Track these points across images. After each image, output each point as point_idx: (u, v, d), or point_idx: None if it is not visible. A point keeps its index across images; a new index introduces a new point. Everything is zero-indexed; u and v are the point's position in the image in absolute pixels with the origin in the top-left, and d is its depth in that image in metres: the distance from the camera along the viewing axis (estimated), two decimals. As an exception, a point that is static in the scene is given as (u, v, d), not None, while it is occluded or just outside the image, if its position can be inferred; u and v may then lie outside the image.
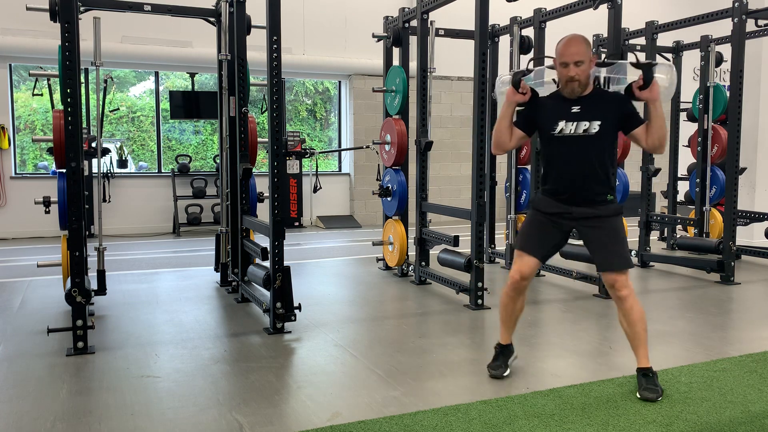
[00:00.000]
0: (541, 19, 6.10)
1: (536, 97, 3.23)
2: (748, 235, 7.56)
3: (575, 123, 3.07)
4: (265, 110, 5.22)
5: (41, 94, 6.34)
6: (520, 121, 3.24)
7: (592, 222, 3.12)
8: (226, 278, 5.47)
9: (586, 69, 3.03)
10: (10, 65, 8.92)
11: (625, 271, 3.08)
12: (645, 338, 3.11)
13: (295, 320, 4.20)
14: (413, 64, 5.98)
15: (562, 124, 3.10)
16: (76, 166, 3.64)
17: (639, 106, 3.25)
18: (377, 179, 6.55)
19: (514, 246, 3.29)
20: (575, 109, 3.08)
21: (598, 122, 3.06)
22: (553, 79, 3.23)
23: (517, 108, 3.26)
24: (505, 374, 3.33)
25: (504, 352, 3.40)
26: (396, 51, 6.26)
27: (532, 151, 6.15)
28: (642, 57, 7.09)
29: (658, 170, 6.92)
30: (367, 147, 6.83)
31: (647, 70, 3.02)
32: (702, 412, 2.87)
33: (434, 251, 5.68)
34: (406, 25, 6.06)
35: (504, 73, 3.48)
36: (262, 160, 10.08)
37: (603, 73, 3.21)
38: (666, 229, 7.76)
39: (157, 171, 9.90)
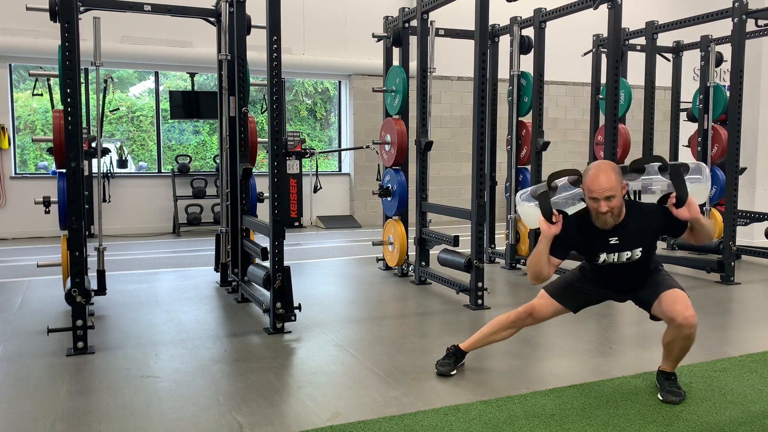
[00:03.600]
0: (541, 19, 6.10)
1: (567, 220, 3.03)
2: (748, 235, 7.56)
3: (616, 254, 2.98)
4: (265, 110, 5.22)
5: (41, 94, 6.34)
6: (556, 251, 3.05)
7: (640, 287, 3.10)
8: (226, 278, 5.47)
9: (618, 200, 2.87)
10: (10, 65, 8.92)
11: (688, 299, 2.96)
12: (684, 356, 3.09)
13: (295, 320, 4.20)
14: (413, 64, 5.98)
15: (603, 256, 3.00)
16: (76, 166, 3.64)
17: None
18: (377, 179, 6.55)
19: (545, 287, 3.21)
20: (613, 240, 2.96)
21: (640, 249, 2.98)
22: (581, 197, 3.04)
23: None
24: (452, 373, 3.35)
25: (457, 355, 3.42)
26: (396, 51, 6.25)
27: (532, 151, 6.15)
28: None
29: (658, 170, 6.91)
30: (367, 147, 6.83)
31: (679, 185, 2.87)
32: (702, 412, 2.87)
33: (434, 251, 5.68)
34: (406, 25, 6.05)
35: (523, 191, 3.24)
36: (262, 160, 10.09)
37: (632, 186, 3.06)
38: (666, 229, 7.75)
39: (157, 171, 9.90)
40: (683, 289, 3.03)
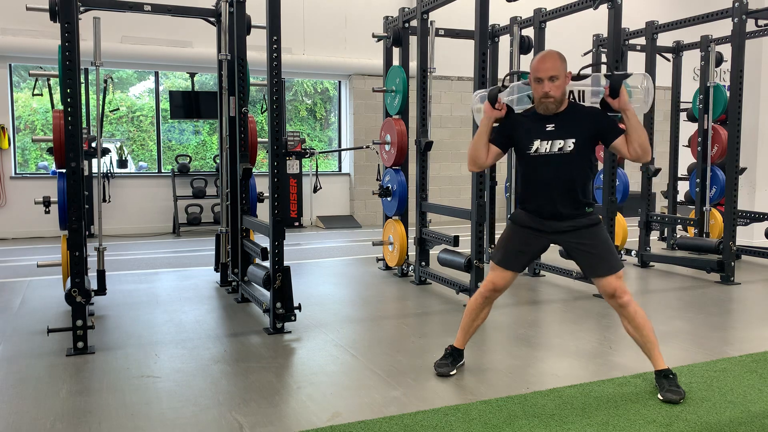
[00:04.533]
0: (541, 19, 6.10)
1: (512, 113, 3.22)
2: (748, 235, 7.56)
3: (550, 141, 3.06)
4: (265, 110, 5.22)
5: (41, 94, 6.33)
6: (496, 138, 3.20)
7: (574, 234, 3.12)
8: (226, 278, 5.47)
9: (561, 85, 3.00)
10: (10, 65, 8.92)
11: (621, 275, 3.07)
12: (655, 340, 3.11)
13: (295, 320, 4.20)
14: (413, 64, 5.98)
15: (537, 143, 3.08)
16: (76, 166, 3.64)
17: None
18: (377, 179, 6.56)
19: (492, 258, 3.29)
20: (549, 127, 3.06)
21: (573, 140, 3.04)
22: (529, 96, 3.21)
23: (494, 125, 3.23)
24: (452, 373, 3.36)
25: (454, 354, 3.43)
26: (396, 51, 6.26)
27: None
28: (639, 63, 7.12)
29: (658, 170, 6.92)
30: (367, 147, 6.83)
31: (615, 79, 3.01)
32: (702, 412, 2.87)
33: (434, 251, 5.68)
34: (406, 25, 6.06)
35: (480, 90, 3.46)
36: (262, 160, 10.09)
37: (577, 87, 3.20)
38: (666, 229, 7.77)
39: (157, 171, 9.90)
40: (620, 266, 3.09)
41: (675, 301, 5.25)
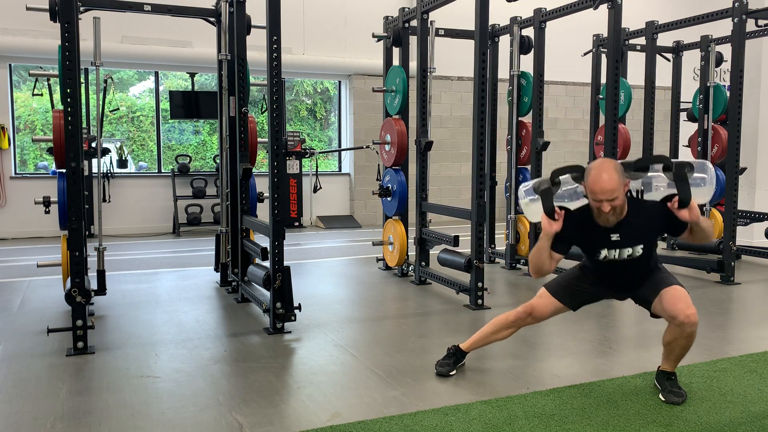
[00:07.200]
0: (541, 19, 6.10)
1: (569, 216, 3.00)
2: (748, 235, 7.56)
3: (617, 250, 2.97)
4: (265, 110, 5.22)
5: (41, 94, 6.34)
6: (559, 246, 3.04)
7: (640, 286, 3.09)
8: (226, 278, 5.47)
9: (621, 200, 2.85)
10: (10, 65, 8.92)
11: (687, 294, 2.97)
12: (684, 355, 3.08)
13: (295, 320, 4.20)
14: (413, 64, 5.98)
15: (604, 252, 2.98)
16: (76, 166, 3.64)
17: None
18: (377, 179, 6.56)
19: (545, 285, 3.22)
20: (614, 237, 2.95)
21: (641, 246, 2.97)
22: (585, 195, 2.99)
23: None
24: (452, 373, 3.36)
25: (457, 355, 3.42)
26: (396, 51, 6.26)
27: (532, 151, 6.15)
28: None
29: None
30: (367, 147, 6.83)
31: (683, 186, 2.85)
32: (702, 412, 2.87)
33: (434, 251, 5.68)
34: (406, 25, 6.06)
35: (527, 184, 3.21)
36: (262, 160, 10.09)
37: (635, 185, 3.06)
38: (666, 229, 7.75)
39: (157, 171, 9.90)
40: (683, 286, 3.02)
41: (675, 301, 5.24)
